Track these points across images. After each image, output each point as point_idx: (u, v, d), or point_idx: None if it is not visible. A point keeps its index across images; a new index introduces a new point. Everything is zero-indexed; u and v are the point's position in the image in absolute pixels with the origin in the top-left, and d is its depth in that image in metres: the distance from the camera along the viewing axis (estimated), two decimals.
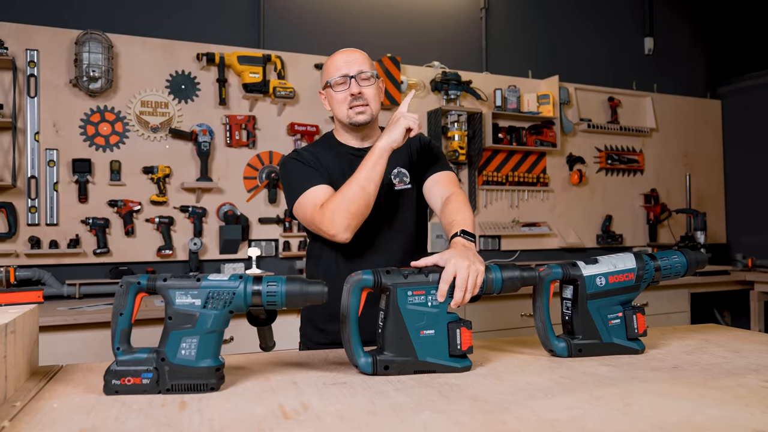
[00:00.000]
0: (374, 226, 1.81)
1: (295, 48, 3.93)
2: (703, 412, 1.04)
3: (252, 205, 3.71)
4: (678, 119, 5.24)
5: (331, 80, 1.81)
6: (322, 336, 1.90)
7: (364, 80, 1.80)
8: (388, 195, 1.85)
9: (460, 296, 1.35)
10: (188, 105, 3.60)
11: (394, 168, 1.87)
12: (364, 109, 1.80)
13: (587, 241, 4.76)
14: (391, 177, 1.87)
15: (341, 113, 1.83)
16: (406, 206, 1.88)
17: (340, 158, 1.86)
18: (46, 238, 3.24)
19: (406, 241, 1.88)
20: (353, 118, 1.81)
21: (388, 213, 1.85)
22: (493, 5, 4.62)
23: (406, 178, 1.89)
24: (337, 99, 1.82)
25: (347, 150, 1.88)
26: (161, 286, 1.22)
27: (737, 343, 1.64)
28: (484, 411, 1.06)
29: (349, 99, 1.80)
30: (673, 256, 1.58)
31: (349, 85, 1.79)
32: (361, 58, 1.82)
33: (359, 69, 1.80)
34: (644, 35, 5.21)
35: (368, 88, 1.81)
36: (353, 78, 1.79)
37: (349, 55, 1.83)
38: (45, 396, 1.17)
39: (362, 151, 1.84)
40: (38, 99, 3.27)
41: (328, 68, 1.84)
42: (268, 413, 1.06)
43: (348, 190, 1.66)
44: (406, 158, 1.91)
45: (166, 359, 1.19)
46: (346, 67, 1.80)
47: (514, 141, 4.42)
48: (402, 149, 1.87)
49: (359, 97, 1.79)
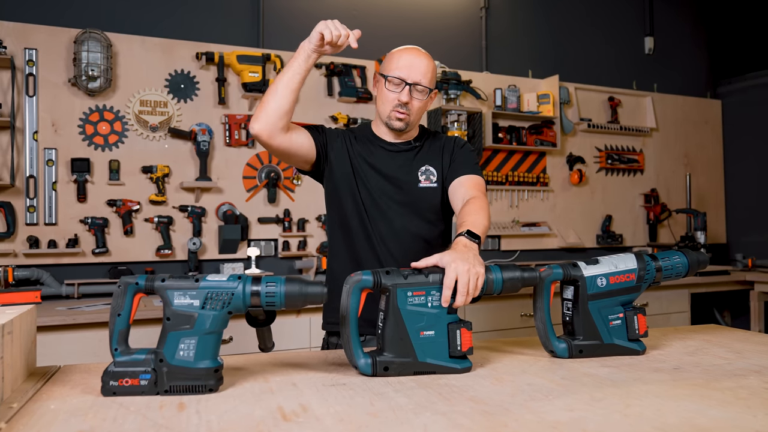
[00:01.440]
0: (395, 217, 1.84)
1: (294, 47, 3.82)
2: (705, 414, 1.03)
3: (251, 205, 3.70)
4: (678, 119, 5.23)
5: (388, 76, 1.80)
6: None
7: (418, 92, 1.80)
8: (412, 191, 1.86)
9: (461, 300, 1.35)
10: (187, 104, 3.59)
11: (422, 165, 1.89)
12: (404, 117, 1.81)
13: (587, 241, 4.76)
14: (418, 174, 1.88)
15: (383, 110, 1.84)
16: (429, 204, 1.88)
17: (370, 148, 1.89)
18: (45, 237, 3.24)
19: (426, 238, 1.87)
20: (391, 121, 1.83)
21: (410, 208, 1.86)
22: (493, 5, 4.62)
23: (433, 177, 1.89)
24: (385, 96, 1.82)
25: (380, 143, 1.90)
26: (159, 286, 1.21)
27: (738, 343, 1.63)
28: (484, 413, 1.06)
29: (396, 103, 1.80)
30: (675, 256, 1.58)
31: (401, 90, 1.79)
32: (425, 68, 1.81)
33: (419, 79, 1.79)
34: (645, 35, 5.20)
35: (418, 101, 1.81)
36: (409, 86, 1.78)
37: (417, 59, 1.81)
38: (42, 397, 1.17)
39: (394, 146, 1.90)
40: (37, 98, 3.26)
41: (390, 60, 1.83)
42: (267, 415, 1.05)
43: (270, 89, 1.74)
44: (437, 158, 1.91)
45: (164, 360, 1.19)
46: (407, 71, 1.79)
47: (514, 141, 4.41)
48: (435, 149, 1.93)
49: (405, 105, 1.80)
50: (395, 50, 1.89)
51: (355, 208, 1.86)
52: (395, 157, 1.90)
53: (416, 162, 1.90)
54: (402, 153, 1.91)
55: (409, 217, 1.86)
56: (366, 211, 1.85)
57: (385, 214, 1.84)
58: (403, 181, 1.87)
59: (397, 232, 1.84)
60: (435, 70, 1.86)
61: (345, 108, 3.95)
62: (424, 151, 1.92)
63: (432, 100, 1.91)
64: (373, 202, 1.85)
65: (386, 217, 1.84)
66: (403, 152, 1.91)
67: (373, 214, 1.85)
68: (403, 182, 1.87)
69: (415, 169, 1.88)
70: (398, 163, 1.89)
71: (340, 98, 3.93)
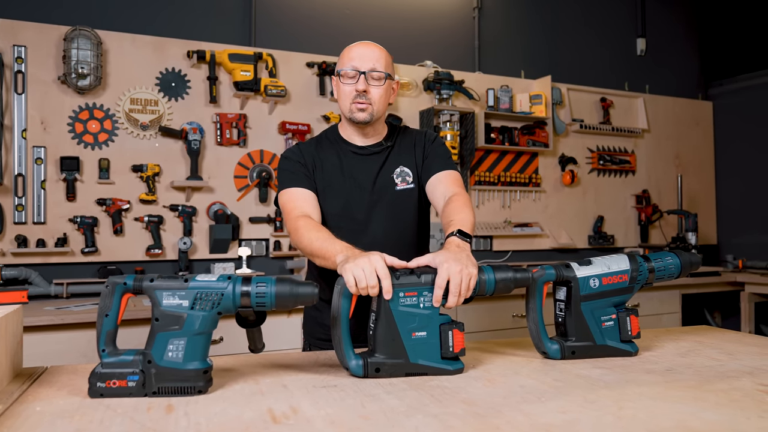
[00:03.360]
0: (375, 225, 1.80)
1: (286, 46, 3.90)
2: (699, 417, 1.03)
3: (242, 205, 3.68)
4: (670, 120, 5.24)
5: (342, 70, 1.78)
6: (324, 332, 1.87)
7: (374, 79, 1.76)
8: (389, 194, 1.83)
9: (453, 301, 1.34)
10: (178, 103, 3.57)
11: (396, 167, 1.85)
12: (366, 107, 1.77)
13: (579, 242, 4.76)
14: (393, 176, 1.84)
15: (344, 106, 1.80)
16: (408, 206, 1.85)
17: (339, 155, 1.85)
18: (33, 236, 3.20)
19: (408, 241, 1.85)
20: (353, 114, 1.78)
21: (390, 213, 1.82)
22: (486, 5, 4.61)
23: (409, 177, 1.85)
24: (342, 91, 1.79)
25: (349, 148, 1.85)
26: (148, 286, 1.19)
27: (730, 345, 1.63)
28: (476, 415, 1.05)
29: (354, 94, 1.76)
30: (667, 257, 1.57)
31: (357, 81, 1.75)
32: (377, 55, 1.77)
33: (372, 66, 1.75)
34: (637, 36, 5.21)
35: (376, 88, 1.77)
36: (363, 74, 1.75)
37: (366, 48, 1.78)
38: (28, 399, 1.15)
39: (364, 149, 1.85)
40: (26, 96, 3.23)
41: (342, 57, 1.80)
42: (257, 417, 1.04)
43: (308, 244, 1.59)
44: (410, 156, 1.88)
45: (152, 361, 1.17)
46: (359, 61, 1.76)
47: (506, 141, 4.41)
48: (406, 146, 1.89)
49: (363, 95, 1.75)
50: (346, 47, 1.85)
51: (331, 220, 1.80)
52: (367, 161, 1.85)
53: (389, 163, 1.85)
54: (373, 156, 1.86)
55: (390, 223, 1.82)
56: (344, 221, 1.80)
57: (364, 223, 1.80)
58: (378, 186, 1.83)
59: (378, 240, 1.78)
60: (390, 59, 1.82)
61: (337, 107, 3.93)
62: (396, 150, 1.88)
63: (395, 91, 1.87)
64: (349, 212, 1.81)
65: (366, 225, 1.80)
66: (375, 155, 1.86)
67: (350, 224, 1.79)
68: (379, 187, 1.83)
69: (390, 171, 1.84)
70: (371, 168, 1.84)
71: (332, 98, 3.91)
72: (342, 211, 1.80)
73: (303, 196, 1.77)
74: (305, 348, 1.98)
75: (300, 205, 1.74)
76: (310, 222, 1.67)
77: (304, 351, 1.90)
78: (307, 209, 1.74)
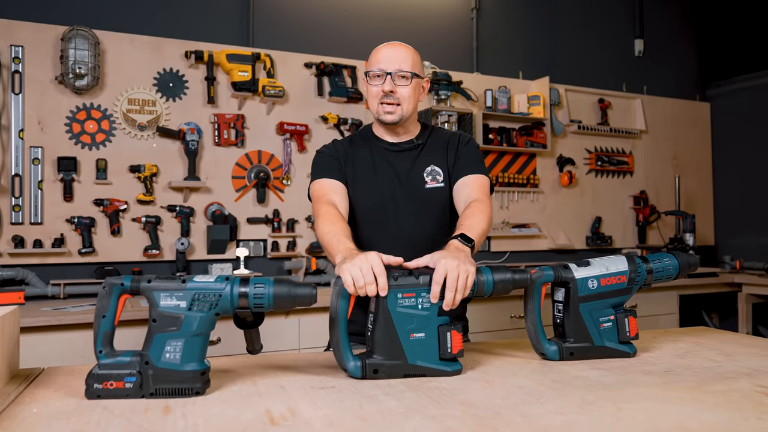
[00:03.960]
0: (403, 222, 1.81)
1: (284, 46, 3.90)
2: (697, 418, 1.02)
3: (240, 205, 3.68)
4: (667, 121, 5.25)
5: (370, 72, 1.80)
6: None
7: (401, 78, 1.77)
8: (419, 192, 1.83)
9: (450, 297, 1.33)
10: (176, 103, 3.56)
11: (427, 165, 1.85)
12: (394, 109, 1.78)
13: (577, 243, 4.76)
14: (424, 174, 1.85)
15: (372, 107, 1.82)
16: (437, 204, 1.84)
17: (373, 152, 1.87)
18: (30, 237, 3.19)
19: (435, 239, 1.78)
20: (381, 115, 1.80)
21: (419, 210, 1.82)
22: (484, 6, 4.61)
23: (439, 176, 1.85)
24: (370, 92, 1.81)
25: (382, 144, 1.88)
26: (145, 287, 1.19)
27: (728, 346, 1.63)
28: (475, 416, 1.04)
29: (381, 95, 1.78)
30: (665, 258, 1.57)
31: (384, 81, 1.76)
32: (403, 55, 1.78)
33: (399, 66, 1.76)
34: (635, 37, 5.22)
35: (404, 88, 1.77)
36: (390, 75, 1.76)
37: (393, 49, 1.79)
38: (24, 400, 1.14)
39: (396, 146, 1.87)
40: (23, 96, 3.22)
41: (370, 59, 1.82)
42: (255, 419, 1.04)
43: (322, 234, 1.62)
44: (441, 155, 1.88)
45: (150, 363, 1.17)
46: (386, 62, 1.77)
47: (504, 142, 4.41)
48: (439, 146, 1.89)
49: (390, 95, 1.77)
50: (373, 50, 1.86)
51: (360, 214, 1.83)
52: (398, 158, 1.87)
53: (420, 161, 1.86)
54: (405, 153, 1.87)
55: (419, 220, 1.82)
56: (373, 218, 1.82)
57: (393, 219, 1.81)
58: (409, 183, 1.84)
59: (406, 237, 1.79)
60: (417, 58, 1.82)
61: (335, 108, 3.93)
62: (428, 149, 1.89)
63: (424, 90, 1.88)
64: (380, 207, 1.82)
65: (394, 222, 1.81)
66: (406, 152, 1.87)
67: (380, 219, 1.81)
68: (410, 184, 1.84)
69: (421, 169, 1.85)
70: (402, 165, 1.86)
71: (330, 98, 3.91)
72: (371, 206, 1.82)
73: (332, 186, 1.80)
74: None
75: (327, 194, 1.78)
76: (331, 211, 1.69)
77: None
78: (334, 198, 1.77)
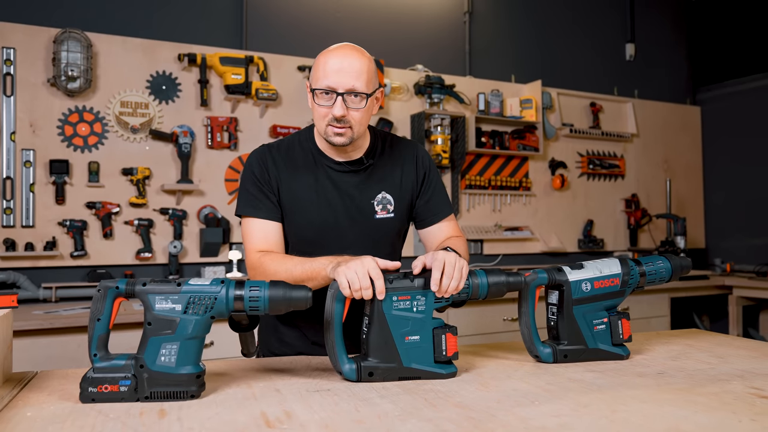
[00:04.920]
0: (347, 253, 1.51)
1: (278, 49, 3.90)
2: (691, 420, 1.03)
3: (233, 208, 3.65)
4: (658, 125, 5.28)
5: (316, 88, 1.54)
6: (279, 347, 1.76)
7: (354, 100, 1.52)
8: (366, 222, 1.66)
9: (447, 283, 1.33)
10: (169, 106, 3.55)
11: (378, 192, 1.67)
12: (343, 131, 1.54)
13: (569, 246, 4.78)
14: (374, 203, 1.66)
15: (319, 127, 1.59)
16: (384, 235, 1.69)
17: (314, 169, 1.66)
18: (22, 240, 3.17)
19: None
20: (330, 137, 1.56)
21: (366, 241, 1.64)
22: (476, 10, 4.63)
23: (390, 206, 1.68)
24: (317, 111, 1.56)
25: (325, 161, 1.66)
26: (140, 290, 1.19)
27: (721, 348, 1.64)
28: (470, 419, 1.05)
29: (330, 118, 1.53)
30: (658, 261, 1.58)
31: (333, 102, 1.52)
32: (357, 70, 1.51)
33: (351, 85, 1.51)
34: (626, 41, 5.25)
35: (356, 111, 1.53)
36: (341, 95, 1.51)
37: (343, 61, 1.52)
38: (18, 404, 1.14)
39: (341, 166, 1.66)
40: (14, 98, 3.20)
41: (317, 69, 1.55)
42: (250, 422, 1.04)
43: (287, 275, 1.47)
44: (394, 177, 1.70)
45: (144, 366, 1.16)
46: (335, 78, 1.51)
47: (496, 145, 4.43)
48: (391, 166, 1.71)
49: (342, 119, 1.52)
50: (321, 54, 1.58)
51: (299, 242, 1.66)
52: (344, 180, 1.65)
53: (370, 188, 1.67)
54: (352, 174, 1.66)
55: (364, 251, 1.45)
56: (312, 245, 1.61)
57: (335, 248, 1.55)
58: (356, 211, 1.65)
59: None
60: (372, 68, 1.56)
61: None
62: (379, 170, 1.69)
63: (378, 102, 1.64)
64: (321, 234, 1.64)
65: (337, 251, 1.52)
66: (353, 173, 1.66)
67: (319, 247, 1.57)
68: (357, 213, 1.65)
69: (371, 196, 1.66)
70: (349, 189, 1.65)
71: None
72: (311, 233, 1.64)
73: (265, 228, 1.62)
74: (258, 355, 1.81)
75: (260, 241, 1.61)
76: (276, 256, 1.57)
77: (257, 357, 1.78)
78: (271, 244, 1.61)
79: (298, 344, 1.73)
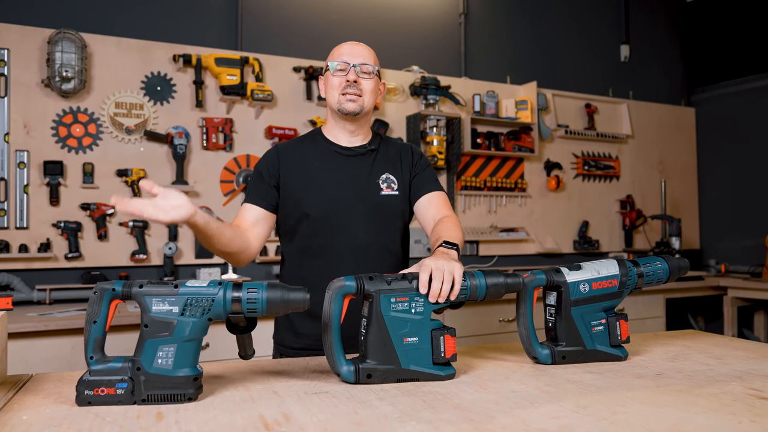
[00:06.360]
0: (357, 229, 1.77)
1: (273, 50, 3.89)
2: (691, 421, 1.03)
3: (229, 209, 3.66)
4: (653, 126, 5.30)
5: (332, 65, 1.79)
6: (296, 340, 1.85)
7: (364, 72, 1.78)
8: (374, 199, 1.81)
9: (437, 287, 1.32)
10: (164, 107, 3.54)
11: (382, 173, 1.84)
12: (356, 98, 1.77)
13: (564, 247, 4.78)
14: (379, 182, 1.83)
15: (333, 98, 1.80)
16: (392, 212, 1.84)
17: (323, 155, 1.84)
18: (16, 241, 3.16)
19: (389, 247, 1.83)
20: (343, 104, 1.77)
21: (373, 217, 1.80)
22: (472, 11, 4.63)
23: (394, 184, 1.84)
24: (332, 83, 1.79)
25: (333, 148, 1.85)
26: (137, 292, 1.18)
27: (718, 349, 1.64)
28: (470, 421, 1.04)
29: (344, 85, 1.77)
30: (656, 262, 1.58)
31: (347, 72, 1.77)
32: (367, 52, 1.82)
33: (363, 60, 1.79)
34: (621, 43, 5.26)
35: (366, 81, 1.79)
36: (354, 66, 1.77)
37: (356, 46, 1.82)
38: (14, 407, 1.13)
39: (349, 150, 1.84)
40: (8, 99, 3.19)
41: (332, 54, 1.83)
42: (249, 424, 1.03)
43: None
44: (395, 165, 1.88)
45: (141, 368, 1.15)
46: (349, 56, 1.79)
47: (492, 146, 4.43)
48: (390, 156, 1.89)
49: (354, 85, 1.77)
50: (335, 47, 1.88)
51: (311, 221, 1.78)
52: (353, 163, 1.84)
53: (375, 169, 1.85)
54: (359, 158, 1.85)
55: (372, 227, 1.79)
56: (324, 223, 1.77)
57: (346, 225, 1.77)
58: (364, 189, 1.81)
59: (360, 245, 1.77)
60: (377, 59, 1.86)
61: (324, 112, 3.92)
62: (381, 156, 1.88)
63: (381, 93, 1.90)
64: (332, 215, 1.78)
65: (347, 228, 1.77)
66: (360, 156, 1.85)
67: (331, 225, 1.77)
68: (365, 190, 1.81)
69: (376, 176, 1.84)
70: (357, 170, 1.83)
71: (319, 102, 3.90)
72: (323, 212, 1.78)
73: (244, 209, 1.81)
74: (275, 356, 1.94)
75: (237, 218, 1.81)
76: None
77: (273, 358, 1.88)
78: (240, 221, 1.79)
79: (316, 333, 1.76)
